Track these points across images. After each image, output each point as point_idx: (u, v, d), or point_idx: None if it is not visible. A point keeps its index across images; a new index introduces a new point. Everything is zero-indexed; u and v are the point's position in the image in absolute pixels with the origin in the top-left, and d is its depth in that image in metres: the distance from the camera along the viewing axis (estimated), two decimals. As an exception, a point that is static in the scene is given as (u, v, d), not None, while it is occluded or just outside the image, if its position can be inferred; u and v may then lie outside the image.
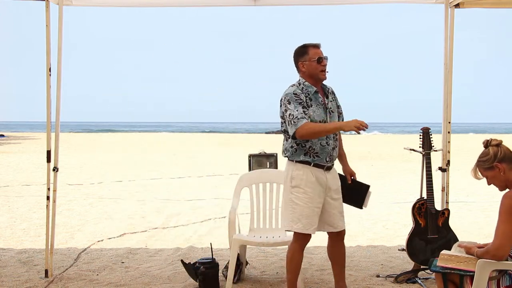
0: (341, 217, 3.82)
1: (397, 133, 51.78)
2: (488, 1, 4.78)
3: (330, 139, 3.72)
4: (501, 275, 2.83)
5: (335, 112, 3.81)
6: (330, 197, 3.75)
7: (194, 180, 12.56)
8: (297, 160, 3.70)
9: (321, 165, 3.69)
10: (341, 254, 3.92)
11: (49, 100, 4.49)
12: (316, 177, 3.68)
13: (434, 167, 4.54)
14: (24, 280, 4.46)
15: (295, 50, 3.78)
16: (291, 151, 3.72)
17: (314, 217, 3.68)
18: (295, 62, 3.79)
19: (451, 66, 4.68)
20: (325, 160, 3.70)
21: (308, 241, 3.78)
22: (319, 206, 3.70)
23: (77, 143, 28.22)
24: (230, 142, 31.49)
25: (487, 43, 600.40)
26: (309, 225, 3.67)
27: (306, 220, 3.66)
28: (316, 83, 3.74)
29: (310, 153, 3.67)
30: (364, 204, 4.01)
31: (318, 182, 3.68)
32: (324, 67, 3.71)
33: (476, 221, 7.38)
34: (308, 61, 3.70)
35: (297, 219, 3.67)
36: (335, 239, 3.88)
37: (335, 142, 3.79)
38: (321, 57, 3.69)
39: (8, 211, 8.17)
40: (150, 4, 5.27)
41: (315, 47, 3.72)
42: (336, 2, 5.32)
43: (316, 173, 3.68)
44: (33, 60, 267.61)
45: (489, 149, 2.95)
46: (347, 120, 3.62)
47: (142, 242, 6.09)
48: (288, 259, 3.79)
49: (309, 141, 3.66)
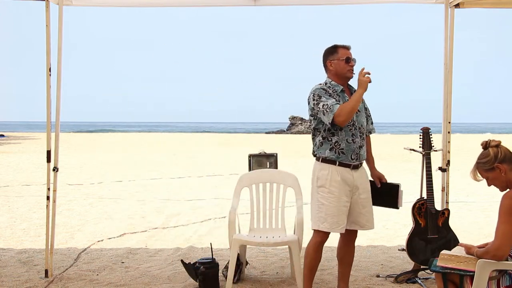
0: (370, 216, 3.87)
1: (397, 133, 51.83)
2: (488, 1, 4.78)
3: (356, 137, 3.76)
4: (501, 275, 2.84)
5: (361, 112, 3.85)
6: (358, 196, 3.79)
7: (194, 180, 12.56)
8: (323, 157, 3.74)
9: (347, 164, 3.73)
10: (351, 254, 3.99)
11: (49, 100, 4.49)
12: (342, 176, 3.71)
13: (434, 167, 4.54)
14: (24, 280, 4.46)
15: (325, 50, 3.86)
16: (318, 145, 3.78)
17: (341, 216, 3.72)
18: (323, 61, 3.86)
19: (451, 66, 4.68)
20: (351, 157, 3.73)
21: (326, 240, 3.81)
22: (347, 205, 3.74)
23: (77, 143, 28.22)
24: (230, 142, 31.49)
25: (487, 43, 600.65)
26: (336, 224, 3.71)
27: (332, 219, 3.70)
28: (342, 82, 3.82)
29: (336, 149, 3.71)
30: (398, 203, 4.05)
31: (344, 181, 3.71)
32: (352, 68, 3.79)
33: (476, 221, 7.37)
34: (337, 60, 3.78)
35: (323, 218, 3.72)
36: (348, 238, 3.92)
37: (362, 141, 3.82)
38: (349, 57, 3.78)
39: (8, 211, 8.16)
40: (150, 4, 5.27)
41: (345, 48, 3.80)
42: (336, 2, 5.32)
43: (342, 172, 3.72)
44: (33, 60, 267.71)
45: (489, 150, 2.95)
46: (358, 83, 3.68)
47: (142, 242, 6.09)
48: (305, 254, 3.87)
49: (335, 136, 3.71)
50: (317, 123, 3.76)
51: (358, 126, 3.79)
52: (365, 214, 3.84)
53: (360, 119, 3.83)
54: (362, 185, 3.82)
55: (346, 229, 3.81)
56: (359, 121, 3.81)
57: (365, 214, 3.84)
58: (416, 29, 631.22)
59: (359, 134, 3.79)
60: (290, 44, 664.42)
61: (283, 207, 4.70)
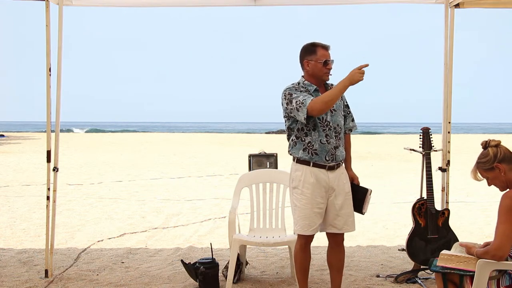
0: (348, 218, 3.70)
1: (397, 133, 51.82)
2: (488, 1, 4.78)
3: (331, 138, 3.64)
4: (501, 275, 2.84)
5: (338, 111, 3.72)
6: (334, 197, 3.67)
7: (194, 180, 12.55)
8: (297, 157, 3.66)
9: (322, 165, 3.63)
10: (339, 259, 3.81)
11: (49, 100, 4.49)
12: (316, 177, 3.61)
13: (434, 167, 4.54)
14: (24, 280, 4.47)
15: (303, 47, 3.71)
16: (292, 145, 3.70)
17: (314, 218, 3.62)
18: (300, 58, 3.72)
19: (451, 66, 4.68)
20: (325, 159, 3.62)
21: (310, 241, 3.73)
22: (321, 207, 3.63)
23: (77, 143, 28.22)
24: (230, 142, 31.48)
25: (487, 43, 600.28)
26: (307, 226, 3.62)
27: (304, 221, 3.62)
28: (318, 83, 3.71)
29: (309, 150, 3.62)
30: (363, 208, 3.80)
31: (318, 182, 3.61)
32: (329, 71, 3.67)
33: (476, 221, 7.37)
34: (315, 61, 3.64)
35: (296, 220, 3.66)
36: (333, 241, 3.80)
37: (338, 141, 3.68)
38: (328, 60, 3.64)
39: (8, 211, 8.16)
40: (150, 4, 5.27)
41: (324, 49, 3.66)
42: (336, 2, 5.31)
43: (317, 173, 3.62)
44: (33, 60, 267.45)
45: (488, 150, 2.95)
46: (348, 74, 3.46)
47: (142, 242, 6.09)
48: (293, 258, 3.85)
49: (308, 136, 3.62)
50: (291, 122, 3.67)
51: (334, 126, 3.66)
52: (342, 217, 3.68)
53: (336, 118, 3.69)
54: (339, 186, 3.68)
55: (328, 233, 3.75)
56: (334, 121, 3.67)
57: (342, 217, 3.68)
58: (416, 29, 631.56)
59: (334, 134, 3.66)
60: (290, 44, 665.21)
61: (283, 207, 4.70)
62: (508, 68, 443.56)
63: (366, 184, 3.93)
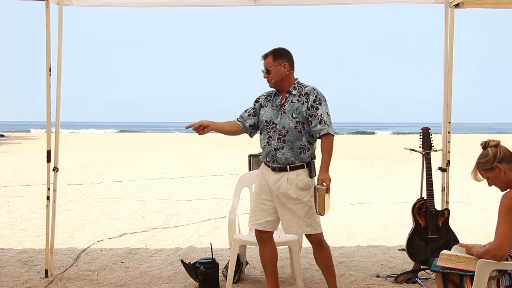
0: (291, 221, 3.70)
1: (397, 133, 51.83)
2: (488, 1, 4.78)
3: (272, 139, 3.69)
4: (501, 275, 2.84)
5: (287, 114, 3.65)
6: (279, 199, 3.71)
7: (194, 180, 12.56)
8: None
9: (268, 165, 3.77)
10: (321, 257, 3.84)
11: (49, 100, 4.49)
12: (264, 175, 3.79)
13: (434, 167, 4.54)
14: (24, 280, 4.47)
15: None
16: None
17: (257, 213, 3.81)
18: None
19: (451, 66, 4.68)
20: (266, 159, 3.77)
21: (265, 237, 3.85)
22: (265, 203, 3.79)
23: (77, 143, 28.22)
24: (230, 142, 31.47)
25: (487, 43, 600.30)
26: (252, 219, 3.87)
27: (250, 215, 3.88)
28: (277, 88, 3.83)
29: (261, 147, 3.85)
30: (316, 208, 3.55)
31: (264, 180, 3.78)
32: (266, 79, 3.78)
33: (476, 221, 7.38)
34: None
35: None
36: (310, 241, 3.84)
37: (280, 144, 3.65)
38: (262, 70, 3.79)
39: (8, 211, 8.17)
40: (150, 4, 5.27)
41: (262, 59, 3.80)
42: (336, 2, 5.32)
43: (264, 172, 3.80)
44: (33, 60, 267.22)
45: (488, 150, 2.95)
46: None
47: (142, 242, 6.09)
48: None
49: (261, 134, 3.83)
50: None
51: (279, 128, 3.66)
52: (285, 218, 3.73)
53: (284, 121, 3.66)
54: (279, 190, 3.67)
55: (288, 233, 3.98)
56: (281, 123, 3.66)
57: (285, 218, 3.73)
58: (416, 29, 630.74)
59: (278, 136, 3.65)
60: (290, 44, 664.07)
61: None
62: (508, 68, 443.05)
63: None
